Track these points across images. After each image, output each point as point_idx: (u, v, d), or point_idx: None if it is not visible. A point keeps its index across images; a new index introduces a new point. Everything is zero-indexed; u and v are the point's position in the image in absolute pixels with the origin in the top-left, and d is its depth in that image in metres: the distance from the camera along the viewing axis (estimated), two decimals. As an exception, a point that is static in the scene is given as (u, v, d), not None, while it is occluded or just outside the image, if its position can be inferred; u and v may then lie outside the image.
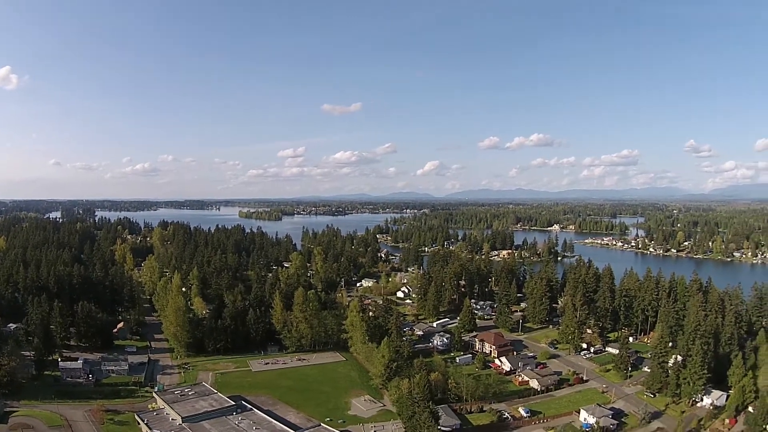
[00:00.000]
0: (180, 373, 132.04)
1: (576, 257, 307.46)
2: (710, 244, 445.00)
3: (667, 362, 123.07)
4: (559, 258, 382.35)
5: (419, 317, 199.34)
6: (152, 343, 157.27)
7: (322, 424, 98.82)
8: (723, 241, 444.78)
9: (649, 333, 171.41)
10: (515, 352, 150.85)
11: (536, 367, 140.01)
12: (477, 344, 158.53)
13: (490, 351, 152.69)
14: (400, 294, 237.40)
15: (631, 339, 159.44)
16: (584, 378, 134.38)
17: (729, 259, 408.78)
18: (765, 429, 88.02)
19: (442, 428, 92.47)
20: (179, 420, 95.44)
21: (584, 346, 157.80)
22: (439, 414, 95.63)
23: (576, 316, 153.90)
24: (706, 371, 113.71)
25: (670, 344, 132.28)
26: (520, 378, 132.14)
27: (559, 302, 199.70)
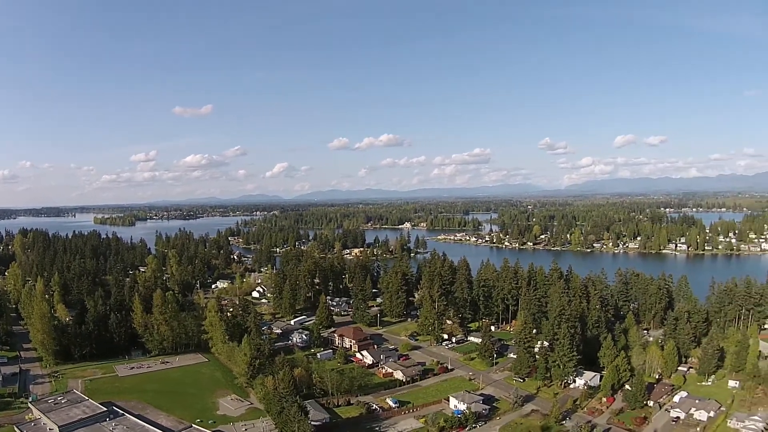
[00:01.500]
0: (51, 381, 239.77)
1: (429, 252, 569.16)
2: (568, 236, 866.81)
3: (534, 347, 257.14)
4: (412, 254, 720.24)
5: (276, 316, 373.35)
6: (21, 352, 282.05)
7: (193, 426, 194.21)
8: (582, 233, 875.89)
9: (510, 321, 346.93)
10: (376, 346, 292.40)
11: (399, 359, 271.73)
12: (337, 339, 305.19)
13: (351, 345, 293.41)
14: (255, 294, 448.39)
15: (493, 328, 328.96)
16: (449, 367, 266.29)
17: (589, 250, 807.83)
18: (645, 404, 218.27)
19: (312, 422, 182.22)
20: (56, 429, 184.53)
21: (445, 336, 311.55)
22: (308, 409, 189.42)
23: (435, 308, 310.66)
24: (575, 353, 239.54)
25: (534, 331, 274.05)
26: (384, 370, 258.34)
27: (416, 296, 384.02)
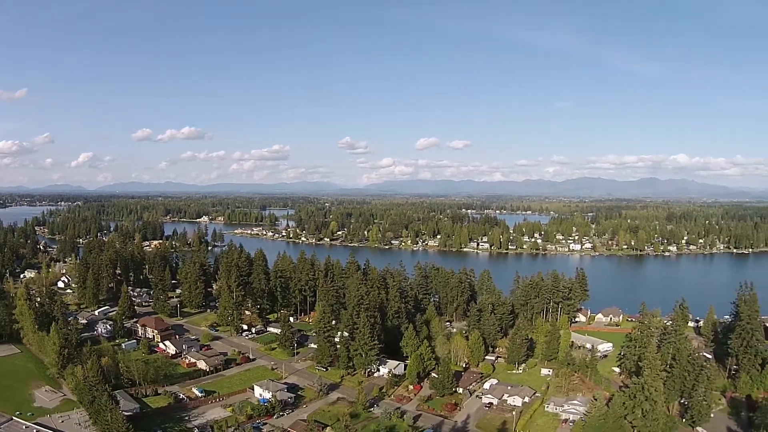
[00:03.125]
0: None
1: (227, 245, 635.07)
2: (366, 233, 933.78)
3: (334, 337, 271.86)
4: (209, 247, 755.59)
5: (81, 306, 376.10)
6: None
7: (14, 418, 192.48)
8: (380, 230, 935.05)
9: (309, 313, 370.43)
10: (178, 336, 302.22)
11: (201, 349, 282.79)
12: (140, 330, 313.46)
13: (154, 336, 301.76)
14: (60, 284, 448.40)
15: (292, 319, 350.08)
16: (251, 357, 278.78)
17: (387, 247, 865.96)
18: (455, 392, 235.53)
19: (124, 412, 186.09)
20: None
21: (245, 327, 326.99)
22: (118, 398, 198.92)
23: (233, 298, 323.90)
24: (377, 342, 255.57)
25: (334, 321, 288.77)
26: (187, 360, 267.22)
27: (214, 286, 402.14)
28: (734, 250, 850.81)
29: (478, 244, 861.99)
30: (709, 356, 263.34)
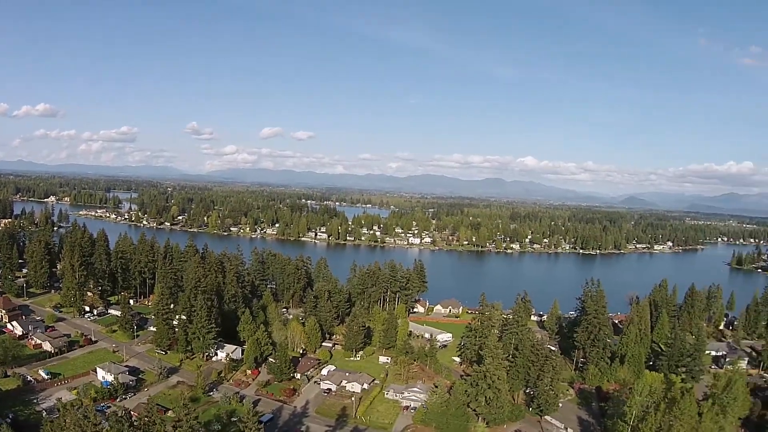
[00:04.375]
0: None
1: (71, 225, 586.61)
2: (206, 219, 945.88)
3: (172, 320, 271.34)
4: (55, 227, 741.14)
5: None
6: None
7: None
8: (219, 216, 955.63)
9: (149, 296, 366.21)
10: (24, 316, 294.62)
11: (46, 330, 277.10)
12: None
13: (1, 316, 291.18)
14: None
15: (132, 301, 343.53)
16: (93, 339, 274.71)
17: (226, 233, 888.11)
18: (293, 377, 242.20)
19: None
20: None
21: (87, 308, 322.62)
22: None
23: (76, 278, 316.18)
24: (214, 326, 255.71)
25: (172, 305, 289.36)
26: (33, 341, 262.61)
27: (59, 267, 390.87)
28: (581, 251, 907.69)
29: (316, 234, 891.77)
30: (554, 348, 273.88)
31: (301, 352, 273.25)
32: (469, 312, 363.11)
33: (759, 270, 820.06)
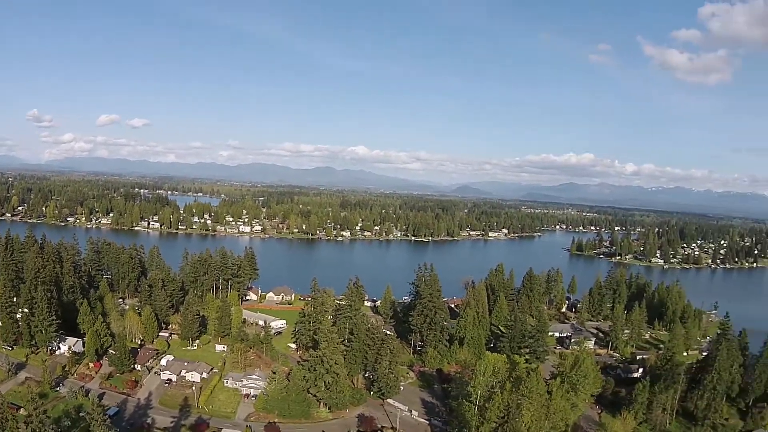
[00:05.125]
0: None
1: None
2: (44, 209, 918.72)
3: (16, 313, 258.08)
4: None
5: None
6: None
7: None
8: (57, 206, 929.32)
9: None
10: None
11: None
12: None
13: None
14: None
15: None
16: None
17: (63, 224, 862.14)
18: (134, 369, 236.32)
19: None
20: None
21: None
22: None
23: None
24: (55, 318, 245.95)
25: (15, 298, 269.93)
26: None
27: None
28: (413, 238, 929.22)
29: (149, 223, 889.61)
30: (390, 333, 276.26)
31: (139, 342, 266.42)
32: (302, 299, 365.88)
33: (601, 256, 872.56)
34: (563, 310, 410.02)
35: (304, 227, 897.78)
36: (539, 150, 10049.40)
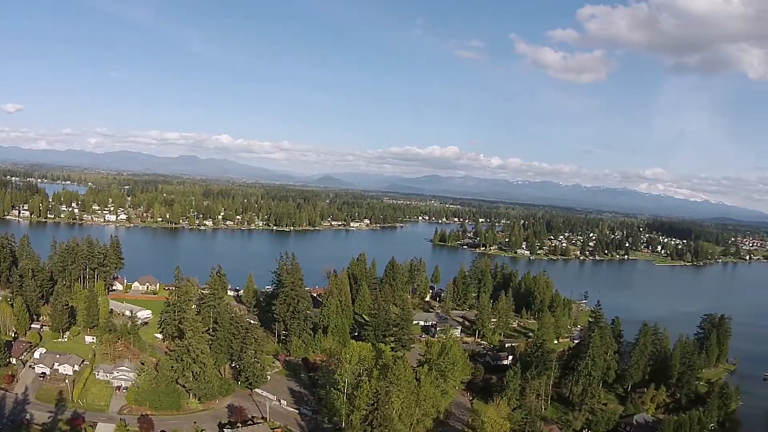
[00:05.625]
0: None
1: None
2: None
3: None
4: None
5: None
6: None
7: None
8: None
9: None
10: None
11: None
12: None
13: None
14: None
15: None
16: None
17: None
18: (9, 362, 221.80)
19: None
20: None
21: None
22: None
23: None
24: None
25: None
26: None
27: None
28: (275, 228, 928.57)
29: (19, 212, 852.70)
30: (254, 322, 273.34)
31: (12, 335, 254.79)
32: (166, 288, 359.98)
33: (464, 246, 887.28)
34: (427, 299, 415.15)
35: (167, 216, 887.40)
36: (403, 142, 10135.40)
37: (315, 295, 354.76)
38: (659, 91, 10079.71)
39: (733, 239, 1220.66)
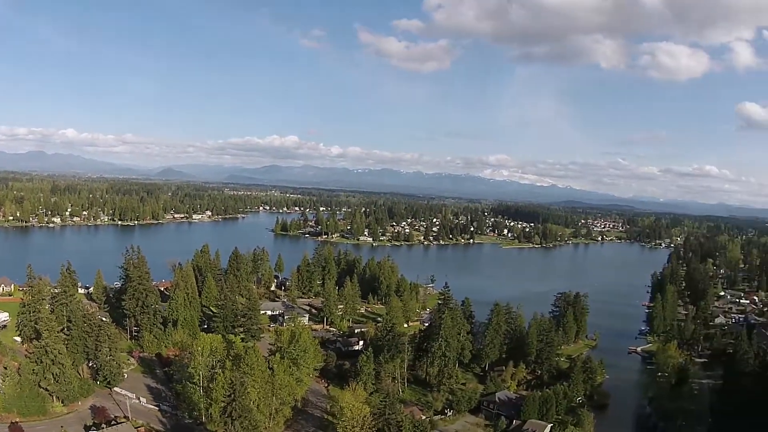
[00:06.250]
0: None
1: None
2: None
3: None
4: None
5: None
6: None
7: None
8: None
9: None
10: None
11: None
12: None
13: None
14: None
15: None
16: None
17: None
18: None
19: None
20: None
21: None
22: None
23: None
24: None
25: None
26: None
27: None
28: (120, 222, 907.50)
29: None
30: (105, 319, 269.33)
31: None
32: (21, 289, 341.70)
33: (306, 235, 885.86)
34: (272, 288, 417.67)
35: (18, 214, 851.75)
36: (243, 133, 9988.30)
37: (162, 288, 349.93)
38: (506, 79, 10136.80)
39: (583, 221, 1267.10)
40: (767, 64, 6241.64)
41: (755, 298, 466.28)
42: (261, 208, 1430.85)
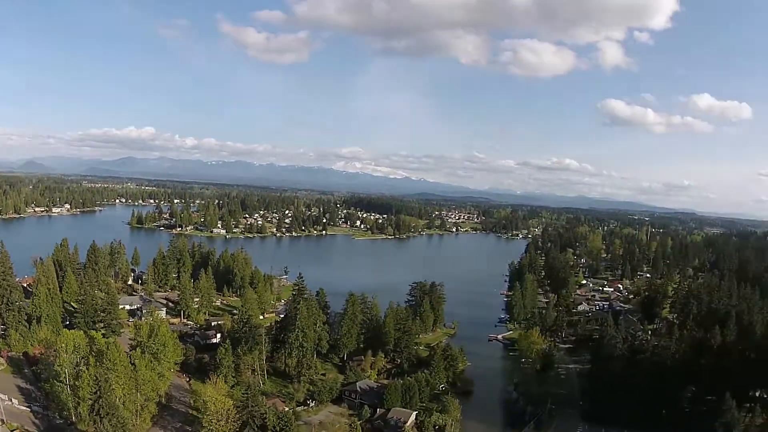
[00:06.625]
0: None
1: None
2: None
3: None
4: None
5: None
6: None
7: None
8: None
9: None
10: None
11: None
12: None
13: None
14: None
15: None
16: None
17: None
18: None
19: None
20: None
21: None
22: None
23: None
24: None
25: None
26: None
27: None
28: None
29: None
30: None
31: None
32: None
33: (161, 228, 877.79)
34: (129, 282, 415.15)
35: None
36: (102, 124, 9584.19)
37: (25, 285, 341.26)
38: (365, 72, 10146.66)
39: (437, 213, 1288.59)
40: (635, 63, 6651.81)
41: (620, 285, 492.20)
42: (117, 200, 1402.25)
